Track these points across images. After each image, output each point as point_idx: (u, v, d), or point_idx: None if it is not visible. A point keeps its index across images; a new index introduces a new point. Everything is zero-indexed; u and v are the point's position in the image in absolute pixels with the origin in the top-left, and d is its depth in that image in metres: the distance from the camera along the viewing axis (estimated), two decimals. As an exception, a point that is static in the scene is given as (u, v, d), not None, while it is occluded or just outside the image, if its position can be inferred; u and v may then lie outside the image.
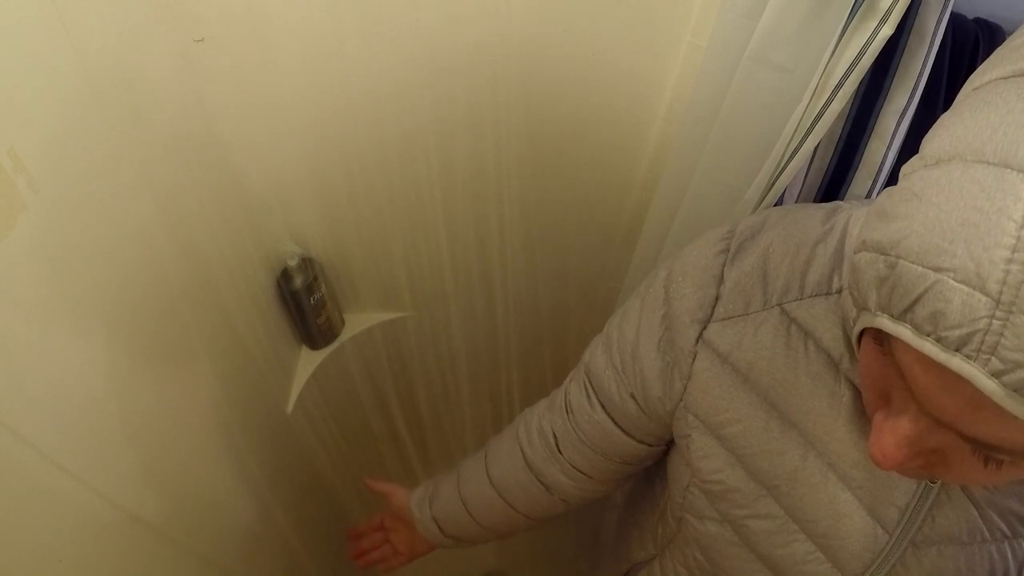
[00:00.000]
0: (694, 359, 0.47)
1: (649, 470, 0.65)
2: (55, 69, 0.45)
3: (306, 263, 0.88)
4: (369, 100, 0.76)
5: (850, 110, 0.64)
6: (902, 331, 0.28)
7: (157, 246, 0.58)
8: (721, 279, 0.46)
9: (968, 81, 0.31)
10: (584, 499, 0.65)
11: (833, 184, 0.70)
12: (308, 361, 0.98)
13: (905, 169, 0.31)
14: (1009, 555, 0.41)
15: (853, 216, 0.43)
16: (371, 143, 0.81)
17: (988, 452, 0.30)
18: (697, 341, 0.47)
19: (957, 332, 0.26)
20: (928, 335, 0.27)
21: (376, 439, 1.23)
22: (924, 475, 0.36)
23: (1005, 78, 0.28)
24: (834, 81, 0.58)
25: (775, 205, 0.70)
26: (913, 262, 0.27)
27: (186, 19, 0.61)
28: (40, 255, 0.43)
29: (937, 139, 0.30)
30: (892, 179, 0.66)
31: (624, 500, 0.74)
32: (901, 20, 0.53)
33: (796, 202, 0.72)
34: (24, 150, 0.41)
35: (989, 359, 0.25)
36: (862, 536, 0.42)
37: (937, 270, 0.26)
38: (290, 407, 0.93)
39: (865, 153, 0.66)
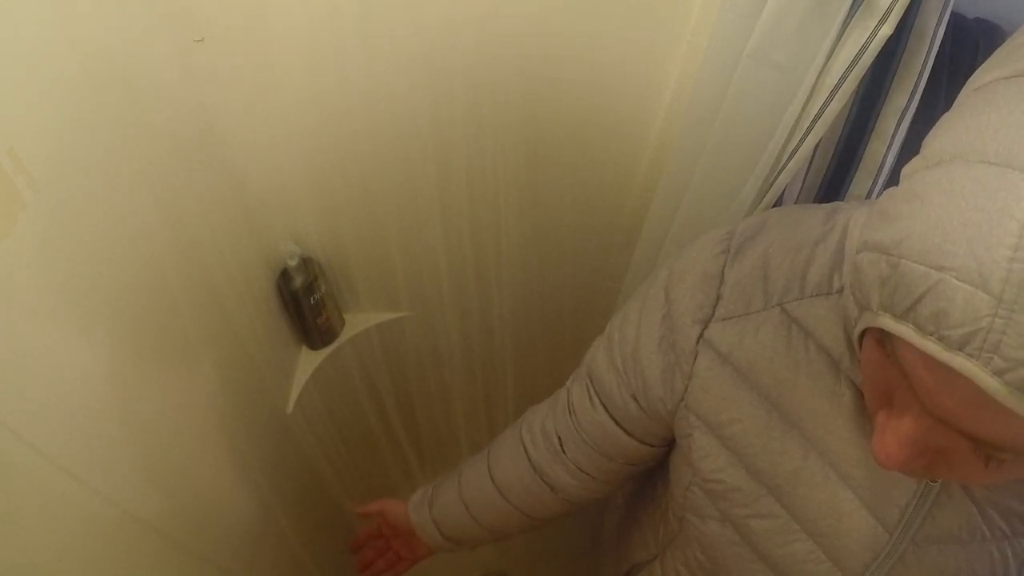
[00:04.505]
0: (695, 359, 0.47)
1: (650, 470, 0.65)
2: (55, 69, 0.45)
3: (306, 263, 0.88)
4: (369, 101, 0.76)
5: (850, 110, 0.64)
6: (904, 330, 0.28)
7: (157, 246, 0.58)
8: (722, 279, 0.46)
9: (969, 81, 0.31)
10: (587, 499, 0.65)
11: (833, 184, 0.70)
12: (308, 361, 0.98)
13: (906, 169, 0.31)
14: (1009, 554, 0.41)
15: (853, 216, 0.44)
16: (371, 143, 0.81)
17: (990, 451, 0.30)
18: (698, 341, 0.47)
19: (959, 331, 0.26)
20: (931, 334, 0.27)
21: (375, 439, 1.23)
22: (926, 474, 0.36)
23: (1006, 78, 0.28)
24: (832, 80, 0.58)
25: (774, 205, 0.70)
26: (915, 261, 0.27)
27: (186, 19, 0.60)
28: (40, 255, 0.43)
29: (938, 139, 0.30)
30: (892, 179, 0.66)
31: (625, 500, 0.75)
32: (901, 20, 0.53)
33: (795, 202, 0.72)
34: (24, 150, 0.41)
35: (991, 358, 0.25)
36: (863, 535, 0.42)
37: (939, 269, 0.27)
38: (290, 407, 0.93)
39: (865, 153, 0.66)
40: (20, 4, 0.41)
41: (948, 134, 0.29)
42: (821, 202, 0.62)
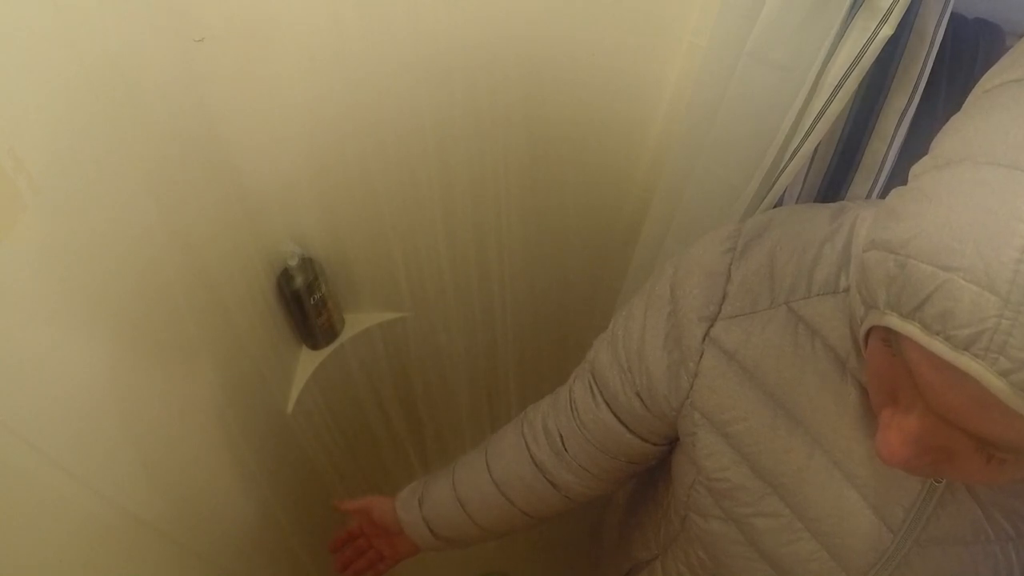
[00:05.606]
0: (701, 357, 0.47)
1: (651, 469, 0.65)
2: (56, 69, 0.45)
3: (306, 263, 0.88)
4: (369, 101, 0.76)
5: (850, 110, 0.64)
6: (911, 329, 0.28)
7: (158, 246, 0.58)
8: (728, 277, 0.46)
9: (979, 83, 0.31)
10: (589, 496, 0.65)
11: (833, 184, 0.70)
12: (308, 361, 0.98)
13: (915, 169, 0.31)
14: (1013, 555, 0.41)
15: (860, 216, 0.44)
16: (371, 144, 0.81)
17: (992, 450, 0.30)
18: (704, 339, 0.47)
19: (966, 331, 0.26)
20: (937, 334, 0.27)
21: (376, 439, 1.23)
22: (929, 473, 0.36)
23: (1017, 81, 0.28)
24: (832, 81, 0.58)
25: (776, 206, 0.70)
26: (923, 261, 0.28)
27: (186, 19, 0.60)
28: (41, 256, 0.43)
29: (948, 140, 0.30)
30: (892, 179, 0.66)
31: (626, 500, 0.74)
32: (901, 20, 0.53)
33: (796, 203, 0.72)
34: (24, 150, 0.41)
35: (997, 358, 0.26)
36: (867, 535, 0.42)
37: (947, 269, 0.27)
38: (290, 407, 0.93)
39: (865, 153, 0.66)
40: (21, 4, 0.41)
41: (957, 135, 0.30)
42: (821, 202, 0.62)
